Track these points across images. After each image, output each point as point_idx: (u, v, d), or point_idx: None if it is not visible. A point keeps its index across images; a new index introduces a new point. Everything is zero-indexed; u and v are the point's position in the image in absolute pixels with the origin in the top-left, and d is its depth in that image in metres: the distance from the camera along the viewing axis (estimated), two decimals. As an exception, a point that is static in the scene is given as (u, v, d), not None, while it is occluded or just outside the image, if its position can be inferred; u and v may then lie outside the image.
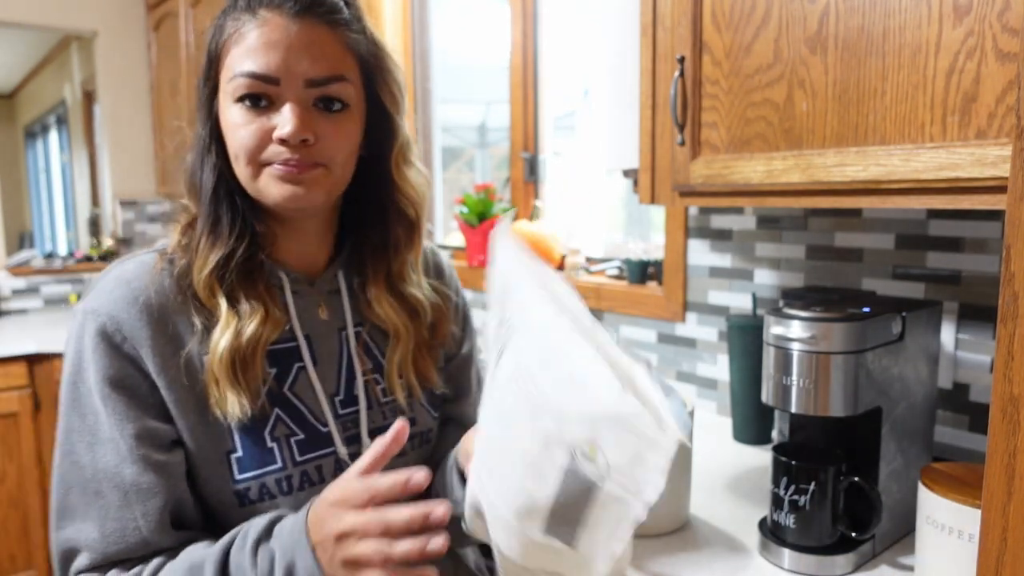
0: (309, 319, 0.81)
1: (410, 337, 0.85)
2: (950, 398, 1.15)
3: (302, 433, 0.76)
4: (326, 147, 0.73)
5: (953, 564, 0.81)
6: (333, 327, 0.82)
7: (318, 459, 0.77)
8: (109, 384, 0.70)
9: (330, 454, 0.77)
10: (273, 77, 0.70)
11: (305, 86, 0.71)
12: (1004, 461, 0.34)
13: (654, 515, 1.02)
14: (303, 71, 0.70)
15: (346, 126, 0.74)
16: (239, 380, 0.72)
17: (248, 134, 0.71)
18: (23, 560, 2.56)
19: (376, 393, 0.82)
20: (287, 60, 0.70)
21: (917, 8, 0.80)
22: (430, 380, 0.87)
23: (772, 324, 0.94)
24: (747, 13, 0.97)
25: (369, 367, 0.83)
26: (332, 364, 0.81)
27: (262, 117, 0.71)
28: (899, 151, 0.83)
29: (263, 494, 0.73)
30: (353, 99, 0.75)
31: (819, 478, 0.91)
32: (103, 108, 3.23)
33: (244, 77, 0.70)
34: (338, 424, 0.79)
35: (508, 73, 2.01)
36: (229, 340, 0.72)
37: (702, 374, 1.54)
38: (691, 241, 1.53)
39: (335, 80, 0.72)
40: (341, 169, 0.76)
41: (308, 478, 0.76)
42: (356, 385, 0.81)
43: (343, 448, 0.78)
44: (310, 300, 0.82)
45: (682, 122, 1.05)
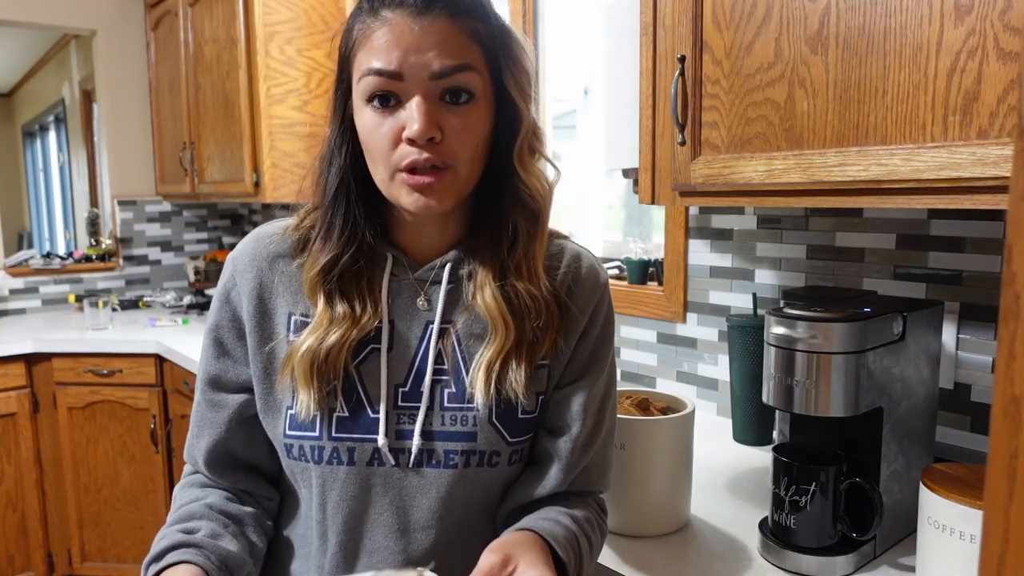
0: (401, 304, 0.80)
1: (509, 336, 0.77)
2: (951, 398, 1.15)
3: (347, 412, 0.76)
4: (453, 144, 0.72)
5: (954, 565, 0.81)
6: (423, 318, 0.79)
7: (354, 441, 0.76)
8: (210, 332, 0.83)
9: (369, 440, 0.76)
10: (397, 72, 0.70)
11: (430, 79, 0.71)
12: (1006, 462, 0.34)
13: (655, 516, 1.02)
14: (427, 64, 0.70)
15: (473, 118, 0.73)
16: (311, 382, 0.75)
17: (380, 137, 0.72)
18: (21, 561, 2.56)
19: (442, 395, 0.77)
20: (410, 55, 0.70)
21: (918, 7, 0.80)
22: (517, 391, 0.76)
23: (773, 324, 0.94)
24: (748, 12, 0.97)
25: (445, 367, 0.78)
26: (407, 354, 0.78)
27: (391, 117, 0.72)
28: (900, 151, 0.83)
29: (301, 454, 0.77)
30: (479, 89, 0.73)
31: (820, 479, 0.91)
32: (102, 107, 3.23)
33: (370, 75, 0.71)
34: (394, 415, 0.77)
35: (508, 73, 2.01)
36: (311, 345, 0.75)
37: (702, 374, 1.54)
38: (691, 241, 1.53)
39: (460, 70, 0.71)
40: (468, 166, 0.74)
41: (338, 456, 0.76)
42: (424, 382, 0.77)
43: (384, 439, 0.75)
44: (408, 286, 0.80)
45: (682, 122, 1.05)
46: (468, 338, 0.79)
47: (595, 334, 0.83)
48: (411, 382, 0.78)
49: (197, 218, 3.43)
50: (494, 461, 0.77)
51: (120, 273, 3.25)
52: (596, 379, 0.83)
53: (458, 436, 0.76)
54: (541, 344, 0.79)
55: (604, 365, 0.84)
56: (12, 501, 2.52)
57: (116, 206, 3.24)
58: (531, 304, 0.78)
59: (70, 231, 5.64)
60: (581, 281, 0.83)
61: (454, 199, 0.75)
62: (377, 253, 0.80)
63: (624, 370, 1.71)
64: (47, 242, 6.28)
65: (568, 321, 0.82)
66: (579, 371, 0.83)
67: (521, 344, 0.78)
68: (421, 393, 0.77)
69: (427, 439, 0.76)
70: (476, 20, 0.73)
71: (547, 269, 0.81)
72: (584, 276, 0.84)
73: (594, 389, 0.83)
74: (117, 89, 3.21)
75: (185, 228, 3.37)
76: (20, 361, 2.49)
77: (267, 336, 0.80)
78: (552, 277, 0.82)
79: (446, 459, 0.76)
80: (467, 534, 0.79)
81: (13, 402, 2.48)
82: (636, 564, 0.94)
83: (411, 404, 0.77)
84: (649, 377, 1.65)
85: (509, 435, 0.78)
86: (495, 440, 0.77)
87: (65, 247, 5.69)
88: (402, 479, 0.76)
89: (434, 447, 0.76)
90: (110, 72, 3.19)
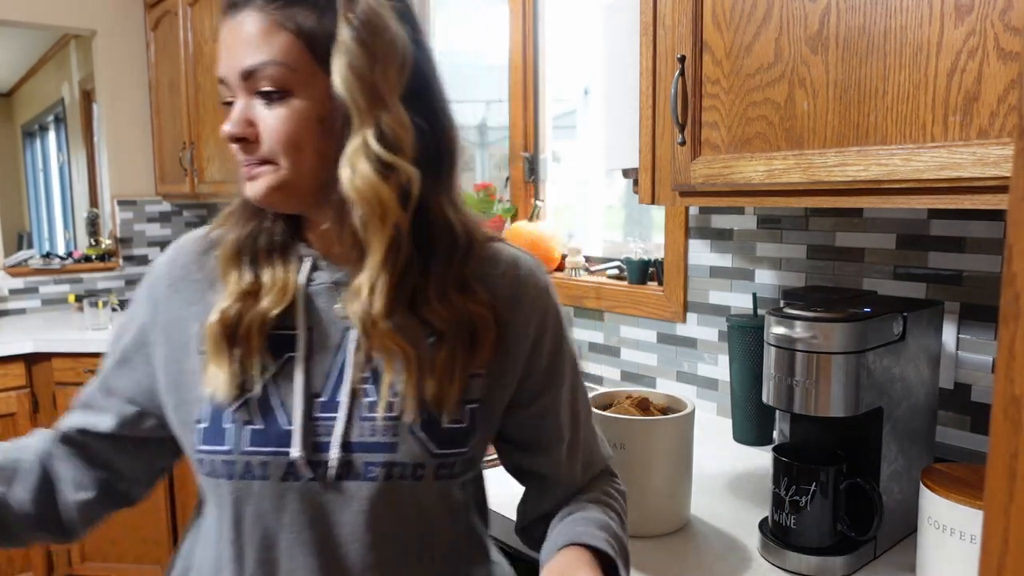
0: (320, 309, 0.75)
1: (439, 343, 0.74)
2: (951, 398, 1.14)
3: (262, 424, 0.72)
4: (268, 141, 0.70)
5: (955, 565, 0.81)
6: (341, 324, 0.75)
7: (268, 455, 0.71)
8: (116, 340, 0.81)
9: (283, 454, 0.71)
10: (222, 78, 0.71)
11: (241, 79, 0.69)
12: (1006, 462, 0.34)
13: (655, 516, 1.02)
14: (236, 65, 0.69)
15: (284, 114, 0.69)
16: (228, 353, 0.72)
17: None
18: (21, 561, 2.55)
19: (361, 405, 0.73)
20: (227, 58, 0.70)
21: (918, 7, 0.80)
22: (443, 405, 0.73)
23: (773, 324, 0.94)
24: (748, 12, 0.97)
25: (365, 375, 0.74)
26: (325, 362, 0.74)
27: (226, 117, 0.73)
28: (900, 151, 0.83)
29: (213, 470, 0.72)
30: (295, 83, 0.69)
31: (820, 479, 0.91)
32: (102, 107, 3.23)
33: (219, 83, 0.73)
34: (311, 426, 0.72)
35: (507, 72, 2.01)
36: (224, 307, 0.73)
37: (702, 374, 1.54)
38: (691, 241, 1.53)
39: (263, 67, 0.68)
40: (292, 161, 0.70)
41: (250, 471, 0.71)
42: (342, 391, 0.73)
43: (299, 451, 0.70)
44: (326, 290, 0.76)
45: (683, 122, 1.05)
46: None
47: (547, 344, 0.80)
48: (329, 391, 0.73)
49: (197, 218, 3.43)
50: (418, 474, 0.72)
51: (120, 273, 3.25)
52: (561, 386, 0.82)
53: (378, 447, 0.72)
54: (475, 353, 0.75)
55: (565, 369, 0.82)
56: (12, 501, 2.52)
57: (116, 206, 3.24)
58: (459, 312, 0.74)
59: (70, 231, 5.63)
60: (522, 288, 0.79)
61: (282, 194, 0.72)
62: (292, 254, 0.77)
63: (624, 370, 1.71)
64: (47, 242, 6.28)
65: (510, 331, 0.77)
66: (542, 383, 0.80)
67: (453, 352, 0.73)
68: (338, 403, 0.73)
69: (346, 451, 0.71)
70: (296, 8, 0.68)
71: (481, 276, 0.77)
72: (525, 282, 0.79)
73: (563, 396, 0.82)
74: (117, 89, 3.21)
75: (185, 228, 3.37)
76: (20, 361, 2.49)
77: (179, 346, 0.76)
78: (489, 284, 0.77)
79: (365, 472, 0.71)
80: (397, 555, 0.75)
81: (13, 402, 2.48)
82: (636, 564, 0.94)
83: (329, 415, 0.72)
84: (649, 377, 1.65)
85: (435, 446, 0.73)
86: (418, 451, 0.72)
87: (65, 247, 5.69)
88: (321, 494, 0.72)
89: (353, 459, 0.71)
90: (110, 72, 3.19)
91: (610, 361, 1.74)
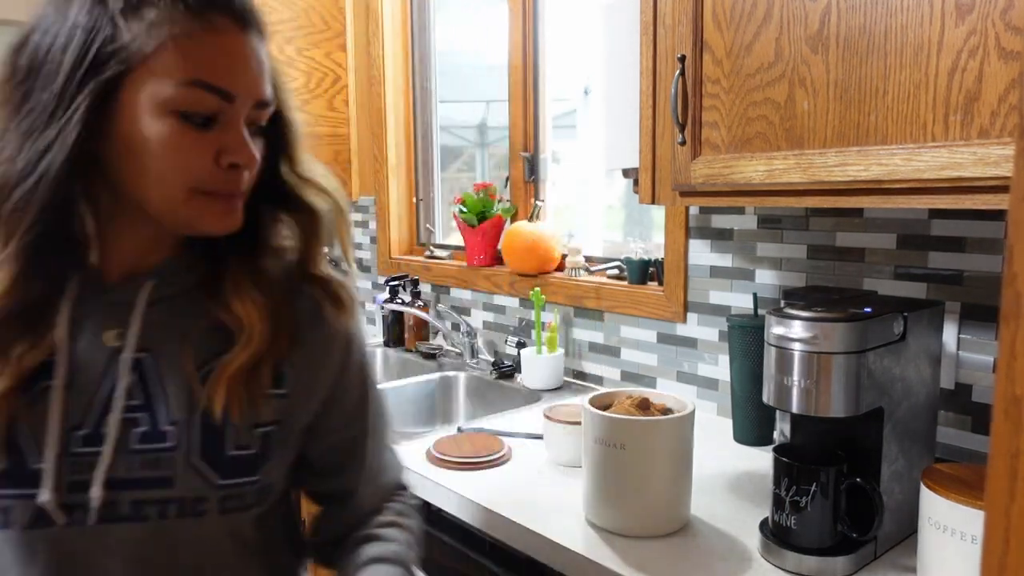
0: (87, 331, 0.67)
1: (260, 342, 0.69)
2: (952, 398, 1.14)
3: (4, 464, 0.62)
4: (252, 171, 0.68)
5: (955, 566, 0.81)
6: (109, 349, 0.67)
7: (10, 499, 0.62)
8: None
9: (28, 496, 0.62)
10: (231, 94, 0.63)
11: (254, 107, 0.66)
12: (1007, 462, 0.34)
13: (655, 517, 1.02)
14: (254, 90, 0.65)
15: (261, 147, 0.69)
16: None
17: (192, 157, 0.63)
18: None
19: (130, 436, 0.65)
20: (242, 76, 0.64)
21: (919, 7, 0.80)
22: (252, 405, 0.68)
23: (773, 324, 0.94)
24: (748, 12, 0.97)
25: (137, 402, 0.66)
26: (88, 391, 0.65)
27: (203, 138, 0.63)
28: (901, 150, 0.83)
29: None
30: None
31: (820, 479, 0.91)
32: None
33: (197, 88, 0.61)
34: (67, 464, 0.63)
35: (507, 72, 2.01)
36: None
37: (703, 374, 1.54)
38: (692, 241, 1.53)
39: (270, 104, 0.68)
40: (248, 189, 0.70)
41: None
42: (108, 420, 0.64)
43: (50, 494, 0.61)
44: (95, 310, 0.68)
45: (683, 121, 1.05)
46: (167, 367, 0.68)
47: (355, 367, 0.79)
48: (92, 422, 0.65)
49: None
50: (199, 509, 0.65)
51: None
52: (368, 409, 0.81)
53: (149, 483, 0.64)
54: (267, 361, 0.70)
55: (371, 392, 0.81)
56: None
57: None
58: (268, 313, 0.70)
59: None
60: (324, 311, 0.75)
61: None
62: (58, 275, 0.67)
63: (624, 370, 1.71)
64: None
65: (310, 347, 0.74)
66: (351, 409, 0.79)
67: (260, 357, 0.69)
68: (104, 435, 0.64)
69: (111, 488, 0.63)
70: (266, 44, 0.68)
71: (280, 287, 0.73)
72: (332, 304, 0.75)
73: (369, 422, 0.81)
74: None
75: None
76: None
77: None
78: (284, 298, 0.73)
79: (134, 511, 0.64)
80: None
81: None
82: (636, 564, 0.94)
83: (91, 449, 0.64)
84: (649, 377, 1.65)
85: (219, 476, 0.66)
86: (198, 484, 0.65)
87: (65, 247, 5.67)
88: (78, 541, 0.63)
89: (118, 498, 0.64)
90: (110, 72, 3.19)
91: (610, 361, 1.74)
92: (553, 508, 1.11)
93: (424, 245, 2.35)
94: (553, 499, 1.15)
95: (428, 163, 2.40)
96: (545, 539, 1.02)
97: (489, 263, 2.04)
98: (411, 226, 2.41)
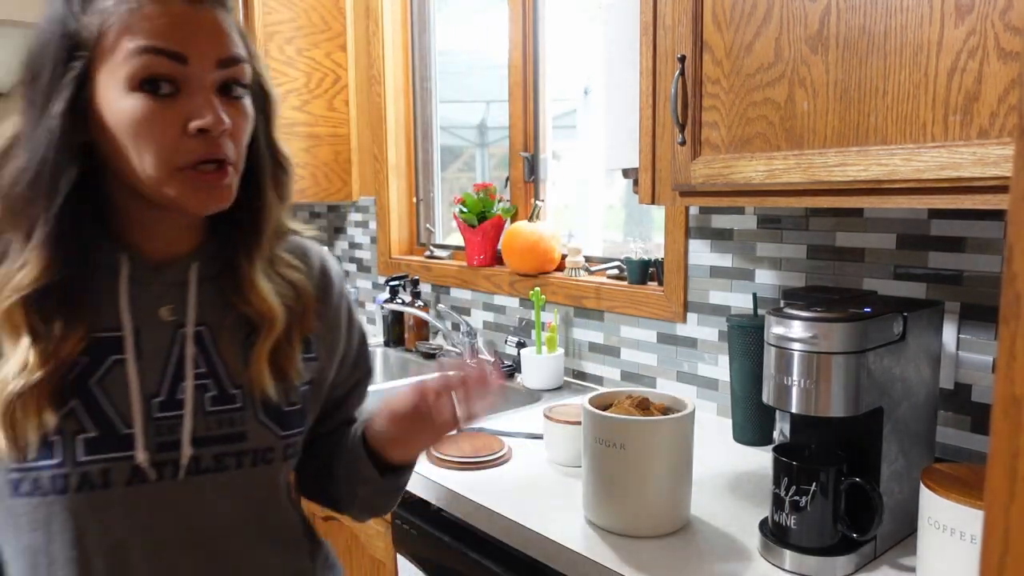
0: (143, 309, 0.73)
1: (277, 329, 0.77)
2: (952, 398, 1.14)
3: (96, 431, 0.68)
4: (234, 139, 0.70)
5: (955, 565, 0.81)
6: (171, 323, 0.74)
7: (107, 462, 0.68)
8: None
9: (126, 458, 0.69)
10: (181, 54, 0.65)
11: (216, 67, 0.67)
12: (1006, 462, 0.34)
13: (655, 517, 1.02)
14: (212, 50, 0.67)
15: (246, 111, 0.72)
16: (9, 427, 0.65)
17: (157, 129, 0.65)
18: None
19: (205, 400, 0.74)
20: (193, 38, 0.66)
21: (919, 7, 0.80)
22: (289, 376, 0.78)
23: (773, 324, 0.94)
24: (748, 12, 0.97)
25: (203, 371, 0.74)
26: (158, 362, 0.73)
27: (169, 108, 0.65)
28: (901, 151, 0.83)
29: (36, 488, 0.67)
30: (248, 82, 0.72)
31: (820, 479, 0.91)
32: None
33: (146, 54, 0.64)
34: (152, 427, 0.70)
35: (507, 72, 2.01)
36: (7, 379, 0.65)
37: (703, 374, 1.54)
38: (691, 241, 1.53)
39: (241, 60, 0.70)
40: (242, 160, 0.73)
41: (89, 480, 0.68)
42: (182, 388, 0.73)
43: (144, 453, 0.69)
44: (152, 291, 0.74)
45: (683, 121, 1.05)
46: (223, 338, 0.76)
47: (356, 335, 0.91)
48: (167, 391, 0.72)
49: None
50: (268, 458, 0.76)
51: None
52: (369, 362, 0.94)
53: (226, 439, 0.74)
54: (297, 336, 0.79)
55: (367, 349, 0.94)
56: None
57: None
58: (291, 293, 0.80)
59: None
60: (329, 276, 0.88)
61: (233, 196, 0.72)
62: (104, 258, 0.72)
63: (624, 370, 1.71)
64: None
65: (326, 314, 0.85)
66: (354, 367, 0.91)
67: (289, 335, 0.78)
68: (180, 400, 0.72)
69: (196, 446, 0.72)
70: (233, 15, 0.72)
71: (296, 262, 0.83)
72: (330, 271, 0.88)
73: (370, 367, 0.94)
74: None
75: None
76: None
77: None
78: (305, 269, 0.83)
79: (215, 464, 0.73)
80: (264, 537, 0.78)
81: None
82: (636, 564, 0.94)
83: (170, 414, 0.72)
84: (649, 377, 1.65)
85: (280, 428, 0.77)
86: (266, 436, 0.76)
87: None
88: (173, 493, 0.71)
89: (202, 453, 0.72)
90: (110, 72, 3.19)
91: (610, 361, 1.74)
92: (553, 508, 1.11)
93: (424, 245, 2.35)
94: (553, 499, 1.15)
95: (428, 163, 2.40)
96: (545, 539, 1.02)
97: (489, 263, 2.04)
98: (411, 226, 2.41)
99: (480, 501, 1.13)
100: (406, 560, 1.32)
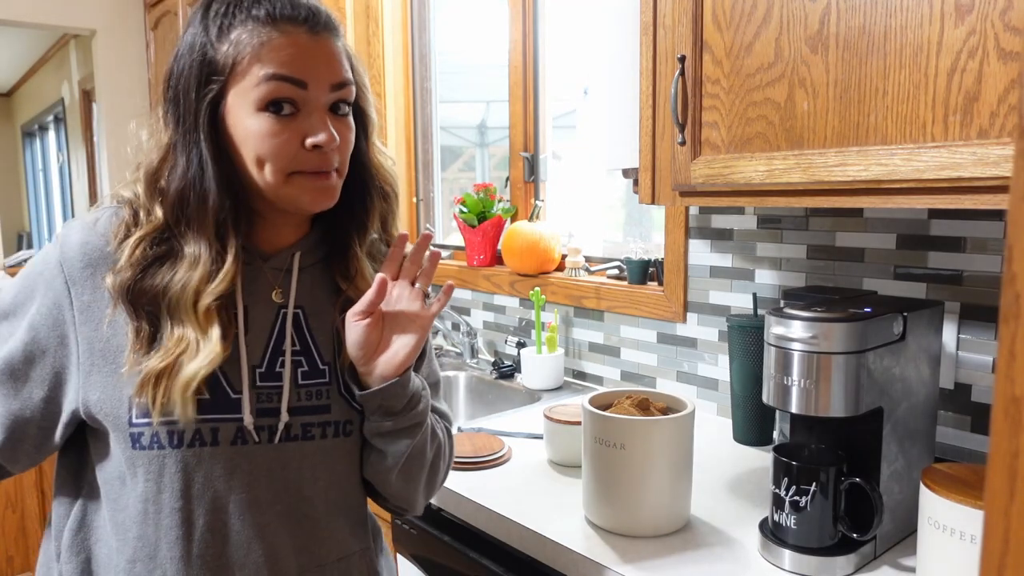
0: (253, 291, 0.83)
1: None
2: (952, 398, 1.14)
3: (209, 395, 0.77)
4: (341, 149, 0.79)
5: (955, 566, 0.81)
6: (274, 304, 0.84)
7: (217, 422, 0.78)
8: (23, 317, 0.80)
9: (233, 420, 0.78)
10: (302, 80, 0.75)
11: (329, 90, 0.77)
12: (1006, 462, 0.34)
13: (655, 517, 1.02)
14: (327, 76, 0.77)
15: (350, 126, 0.81)
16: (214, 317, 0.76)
17: (280, 143, 0.76)
18: (21, 562, 2.55)
19: (298, 374, 0.83)
20: (314, 65, 0.76)
21: (919, 7, 0.80)
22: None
23: (773, 324, 0.94)
24: (748, 12, 0.97)
25: (298, 347, 0.84)
26: (262, 337, 0.82)
27: (289, 126, 0.76)
28: (900, 151, 0.83)
29: (154, 441, 0.77)
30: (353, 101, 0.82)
31: (820, 479, 0.91)
32: (101, 107, 3.23)
33: (274, 80, 0.74)
34: (253, 394, 0.80)
35: (507, 72, 2.01)
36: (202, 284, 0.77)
37: (703, 374, 1.54)
38: (691, 241, 1.53)
39: (348, 84, 0.79)
40: (345, 166, 0.82)
41: (200, 437, 0.77)
42: (281, 362, 0.82)
43: (250, 417, 0.78)
44: (260, 275, 0.84)
45: (683, 121, 1.05)
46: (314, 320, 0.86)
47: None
48: (267, 363, 0.82)
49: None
50: (348, 430, 0.84)
51: (120, 273, 3.25)
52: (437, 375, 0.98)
53: (314, 410, 0.82)
54: None
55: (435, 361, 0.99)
56: (12, 501, 2.52)
57: (116, 206, 3.24)
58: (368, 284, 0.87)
59: (70, 231, 5.62)
60: None
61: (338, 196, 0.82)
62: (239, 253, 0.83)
63: (624, 370, 1.71)
64: (46, 242, 6.27)
65: None
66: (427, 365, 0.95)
67: None
68: (279, 373, 0.82)
69: (290, 415, 0.81)
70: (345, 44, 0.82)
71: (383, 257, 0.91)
72: None
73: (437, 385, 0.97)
74: (117, 89, 3.21)
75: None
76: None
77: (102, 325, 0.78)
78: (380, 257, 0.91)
79: (304, 432, 0.81)
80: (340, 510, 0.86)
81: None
82: (636, 564, 0.94)
83: (269, 384, 0.81)
84: (649, 377, 1.65)
85: (358, 405, 0.84)
86: (347, 410, 0.84)
87: (65, 247, 5.67)
88: (267, 456, 0.80)
89: (294, 422, 0.81)
90: (110, 72, 3.19)
91: (610, 361, 1.74)
92: (553, 508, 1.11)
93: (424, 245, 2.35)
94: (553, 499, 1.15)
95: (428, 163, 2.40)
96: (545, 539, 1.02)
97: (489, 263, 2.04)
98: (411, 226, 2.41)
99: (480, 501, 1.13)
100: (406, 560, 1.32)
